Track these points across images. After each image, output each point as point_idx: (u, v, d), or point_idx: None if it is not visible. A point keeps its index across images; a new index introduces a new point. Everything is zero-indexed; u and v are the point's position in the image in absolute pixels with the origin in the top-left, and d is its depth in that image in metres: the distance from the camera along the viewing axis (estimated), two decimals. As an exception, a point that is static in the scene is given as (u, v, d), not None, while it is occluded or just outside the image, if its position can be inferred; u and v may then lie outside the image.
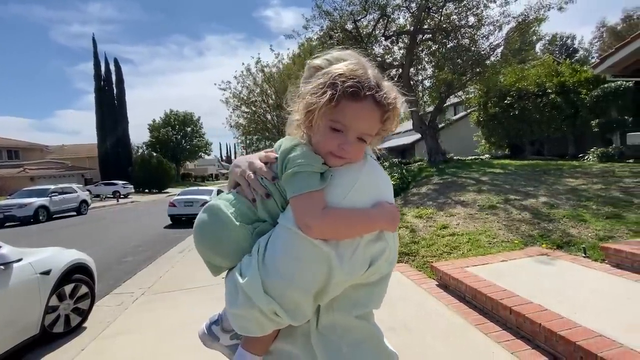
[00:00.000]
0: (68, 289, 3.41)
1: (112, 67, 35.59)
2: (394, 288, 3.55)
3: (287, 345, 0.74)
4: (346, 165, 0.70)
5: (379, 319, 0.81)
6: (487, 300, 2.78)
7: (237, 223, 0.70)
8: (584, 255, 3.56)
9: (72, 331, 3.36)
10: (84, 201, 17.18)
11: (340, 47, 0.88)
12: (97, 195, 25.37)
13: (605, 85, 10.77)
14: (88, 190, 19.73)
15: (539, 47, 16.56)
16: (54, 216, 15.05)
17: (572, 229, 4.21)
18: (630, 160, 8.22)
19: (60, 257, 3.45)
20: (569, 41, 33.99)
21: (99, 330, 3.35)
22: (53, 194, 15.23)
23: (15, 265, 2.80)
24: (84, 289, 3.59)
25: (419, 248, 4.58)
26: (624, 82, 10.30)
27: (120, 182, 28.59)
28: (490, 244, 4.27)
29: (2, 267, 2.70)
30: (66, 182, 21.64)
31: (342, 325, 0.71)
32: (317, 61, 0.82)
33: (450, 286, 3.34)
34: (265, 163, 0.75)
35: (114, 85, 35.52)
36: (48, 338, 3.13)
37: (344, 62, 0.71)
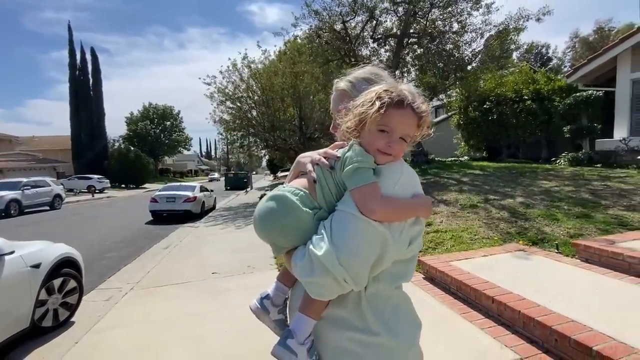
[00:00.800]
0: (57, 283, 3.36)
1: (88, 57, 34.08)
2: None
3: (338, 311, 0.87)
4: (389, 164, 0.85)
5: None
6: (471, 291, 2.98)
7: (304, 208, 0.83)
8: (556, 251, 3.85)
9: (61, 325, 3.32)
10: (58, 195, 16.49)
11: (361, 65, 1.06)
12: (71, 190, 24.34)
13: (577, 94, 11.40)
14: (61, 184, 18.88)
15: (516, 55, 17.29)
16: (25, 210, 14.37)
17: (546, 227, 4.52)
18: (598, 165, 8.78)
19: (50, 250, 3.40)
20: (543, 50, 35.61)
21: (90, 324, 3.32)
22: (25, 187, 14.54)
23: (7, 257, 2.76)
24: (72, 284, 3.54)
25: (406, 244, 4.77)
26: (595, 92, 10.96)
27: (96, 176, 27.56)
28: (471, 240, 4.52)
29: (-6, 259, 2.66)
30: (37, 175, 20.60)
31: (385, 293, 0.87)
32: (342, 84, 1.01)
33: (436, 279, 3.53)
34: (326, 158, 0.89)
35: (89, 75, 34.01)
36: (37, 332, 3.09)
37: (387, 84, 0.87)
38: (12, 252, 2.82)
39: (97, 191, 25.53)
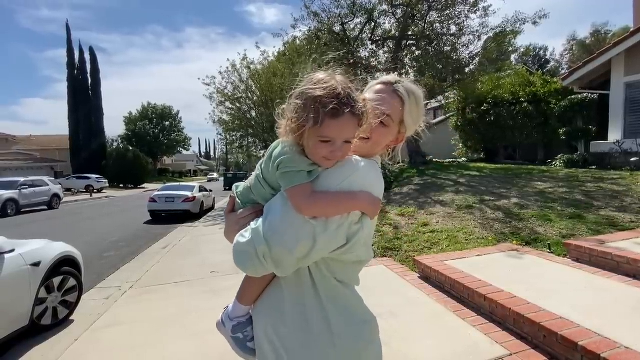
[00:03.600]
0: (56, 281, 3.40)
1: (87, 56, 34.01)
2: (379, 280, 3.77)
3: (281, 307, 0.93)
4: (344, 162, 0.88)
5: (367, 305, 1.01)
6: (464, 290, 3.05)
7: (237, 200, 1.02)
8: (549, 250, 3.93)
9: (60, 324, 3.36)
10: (56, 195, 16.45)
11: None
12: (69, 189, 24.32)
13: (573, 97, 11.50)
14: (59, 183, 18.85)
15: (514, 57, 17.42)
16: (22, 210, 14.35)
17: (539, 228, 4.60)
18: (593, 167, 8.87)
19: (50, 249, 3.44)
20: (541, 52, 35.83)
21: (90, 322, 3.36)
22: (23, 187, 14.51)
23: (7, 256, 2.80)
24: (72, 282, 3.59)
25: (402, 244, 4.84)
26: (589, 95, 11.07)
27: (94, 176, 27.52)
28: (466, 240, 4.59)
29: (-5, 257, 2.70)
30: (34, 174, 20.58)
31: (329, 293, 0.92)
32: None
33: (431, 278, 3.60)
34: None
35: (88, 75, 33.94)
36: (37, 330, 3.13)
37: (320, 83, 0.82)
38: (12, 251, 2.86)
39: (95, 191, 25.49)
